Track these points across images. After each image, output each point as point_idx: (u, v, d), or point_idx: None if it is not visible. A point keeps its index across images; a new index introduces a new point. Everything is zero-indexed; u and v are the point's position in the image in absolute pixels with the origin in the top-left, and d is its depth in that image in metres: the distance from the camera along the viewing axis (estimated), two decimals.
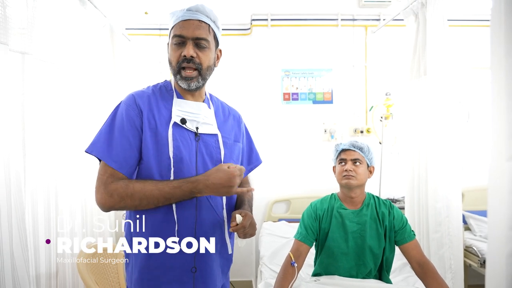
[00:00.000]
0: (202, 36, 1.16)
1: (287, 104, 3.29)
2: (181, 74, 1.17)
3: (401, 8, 2.49)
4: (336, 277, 1.59)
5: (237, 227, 1.13)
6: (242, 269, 3.25)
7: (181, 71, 1.17)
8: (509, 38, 1.09)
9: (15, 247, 1.40)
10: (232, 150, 1.29)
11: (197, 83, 1.19)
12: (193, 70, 1.17)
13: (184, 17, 1.16)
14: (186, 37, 1.15)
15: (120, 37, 2.71)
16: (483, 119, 3.26)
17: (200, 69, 1.18)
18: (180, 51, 1.16)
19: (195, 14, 1.17)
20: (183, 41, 1.16)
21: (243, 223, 1.14)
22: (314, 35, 3.29)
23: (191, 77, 1.17)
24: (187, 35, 1.15)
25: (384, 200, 1.69)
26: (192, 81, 1.18)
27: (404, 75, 2.51)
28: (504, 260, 1.09)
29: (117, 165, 1.10)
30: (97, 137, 1.15)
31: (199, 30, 1.16)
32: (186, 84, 1.18)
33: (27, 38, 1.58)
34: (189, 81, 1.18)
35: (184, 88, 1.20)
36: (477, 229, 2.90)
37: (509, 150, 1.10)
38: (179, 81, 1.19)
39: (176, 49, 1.17)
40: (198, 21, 1.17)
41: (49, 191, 1.76)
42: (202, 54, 1.18)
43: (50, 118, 1.78)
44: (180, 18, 1.17)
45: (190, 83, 1.18)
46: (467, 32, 3.26)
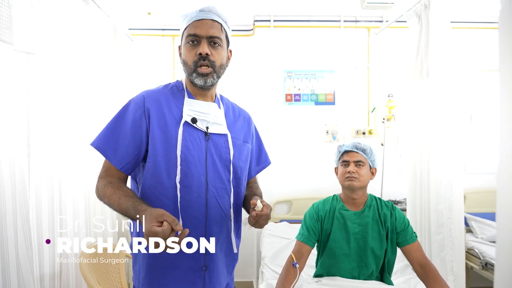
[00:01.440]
0: (215, 35, 1.19)
1: (289, 105, 3.29)
2: (197, 71, 1.19)
3: (404, 10, 2.49)
4: (338, 278, 1.59)
5: (260, 213, 1.14)
6: (244, 269, 3.25)
7: (197, 69, 1.19)
8: None
9: (20, 246, 1.41)
10: (241, 151, 1.31)
11: (213, 79, 1.22)
12: (208, 67, 1.20)
13: (198, 17, 1.19)
14: (200, 36, 1.18)
15: (123, 37, 2.72)
16: (485, 122, 3.26)
17: (214, 66, 1.20)
18: (195, 50, 1.18)
19: (208, 14, 1.19)
20: (197, 40, 1.18)
21: (266, 211, 1.15)
22: (316, 36, 3.30)
23: (207, 73, 1.19)
24: (201, 34, 1.18)
25: (386, 201, 1.69)
26: (208, 77, 1.20)
27: (407, 76, 2.52)
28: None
29: (114, 161, 1.16)
30: (102, 132, 1.20)
31: (212, 29, 1.19)
32: (202, 80, 1.20)
33: (32, 38, 1.59)
34: (206, 77, 1.20)
35: (200, 85, 1.21)
36: (479, 232, 2.90)
37: None
38: (196, 78, 1.20)
39: (191, 48, 1.19)
40: (211, 20, 1.19)
41: (53, 190, 1.77)
42: (216, 52, 1.20)
43: (54, 118, 1.79)
44: (193, 19, 1.19)
45: (206, 79, 1.20)
46: (470, 34, 3.26)
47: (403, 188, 3.04)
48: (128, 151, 1.16)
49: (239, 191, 1.31)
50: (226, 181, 1.25)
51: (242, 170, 1.31)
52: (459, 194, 2.18)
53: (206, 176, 1.20)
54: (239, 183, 1.31)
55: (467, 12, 3.20)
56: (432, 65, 2.21)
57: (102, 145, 1.17)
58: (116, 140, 1.17)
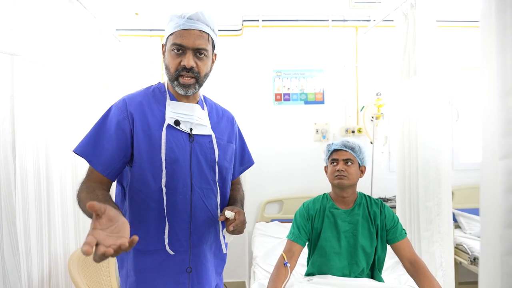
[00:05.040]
0: (202, 47, 1.17)
1: (279, 104, 3.30)
2: (179, 81, 1.18)
3: (391, 9, 2.51)
4: (329, 276, 1.60)
5: (233, 222, 1.15)
6: (235, 270, 3.25)
7: (179, 78, 1.18)
8: (500, 38, 1.10)
9: (6, 251, 1.38)
10: (225, 151, 1.30)
11: (194, 89, 1.21)
12: (191, 78, 1.18)
13: (185, 26, 1.15)
14: (186, 47, 1.15)
15: (110, 38, 2.69)
16: (472, 119, 3.31)
17: (198, 77, 1.19)
18: (179, 59, 1.16)
19: (195, 23, 1.16)
20: (183, 49, 1.16)
21: (240, 218, 1.18)
22: (305, 36, 3.31)
23: (189, 84, 1.18)
24: (188, 45, 1.15)
25: (376, 199, 1.70)
26: (190, 88, 1.19)
27: (395, 75, 2.54)
28: (498, 260, 1.09)
29: (98, 167, 1.13)
30: (85, 137, 1.17)
31: (199, 40, 1.16)
32: (183, 90, 1.19)
33: (16, 39, 1.55)
34: (187, 88, 1.19)
35: (181, 93, 1.21)
36: (467, 227, 2.95)
37: (502, 149, 1.10)
38: (176, 87, 1.19)
39: (175, 57, 1.17)
40: (199, 31, 1.16)
41: (40, 194, 1.74)
42: (201, 63, 1.19)
43: (40, 121, 1.76)
44: (180, 27, 1.15)
45: (187, 90, 1.19)
46: (455, 32, 3.30)
47: (392, 186, 3.07)
48: (113, 155, 1.14)
49: (225, 192, 1.32)
50: (212, 182, 1.25)
51: (227, 170, 1.31)
52: (447, 190, 2.21)
53: (190, 178, 1.20)
54: (225, 183, 1.31)
55: (453, 11, 3.24)
56: (419, 64, 2.24)
57: (86, 151, 1.14)
58: (100, 145, 1.14)
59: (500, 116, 1.10)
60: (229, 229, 1.16)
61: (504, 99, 1.09)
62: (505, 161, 1.08)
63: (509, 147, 1.07)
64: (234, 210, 1.19)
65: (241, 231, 1.21)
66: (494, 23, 1.11)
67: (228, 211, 1.17)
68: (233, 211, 1.18)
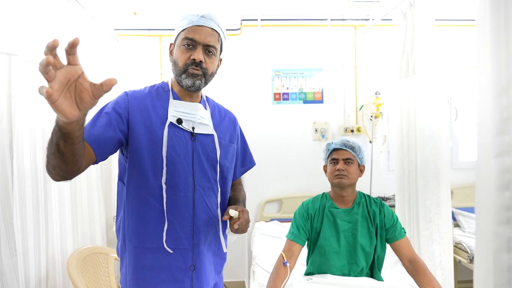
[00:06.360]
0: (212, 44, 1.20)
1: (277, 104, 3.30)
2: (188, 71, 1.18)
3: (390, 8, 2.51)
4: (329, 275, 1.60)
5: (237, 220, 1.15)
6: (235, 269, 3.24)
7: (187, 69, 1.18)
8: (494, 37, 1.11)
9: (3, 251, 1.37)
10: (227, 151, 1.31)
11: (200, 82, 1.21)
12: (199, 71, 1.19)
13: (198, 23, 1.18)
14: (197, 42, 1.18)
15: (108, 38, 2.68)
16: (471, 117, 3.32)
17: (206, 73, 1.20)
18: (189, 54, 1.18)
19: (208, 21, 1.20)
20: (193, 44, 1.18)
21: (244, 217, 1.18)
22: (304, 35, 3.31)
23: (197, 74, 1.19)
24: (199, 40, 1.18)
25: (375, 198, 1.70)
26: (197, 78, 1.19)
27: (393, 74, 2.54)
28: (492, 257, 1.10)
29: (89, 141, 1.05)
30: None
31: (210, 37, 1.19)
32: (191, 80, 1.19)
33: (13, 39, 1.55)
34: (195, 78, 1.19)
35: (187, 85, 1.20)
36: (466, 226, 2.95)
37: (496, 147, 1.11)
38: (184, 79, 1.19)
39: (185, 51, 1.19)
40: (211, 29, 1.20)
41: (38, 194, 1.73)
42: (209, 60, 1.21)
43: (37, 121, 1.76)
44: (193, 23, 1.18)
45: (195, 80, 1.19)
46: (454, 31, 3.30)
47: (391, 185, 3.07)
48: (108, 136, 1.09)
49: (225, 191, 1.32)
50: (213, 181, 1.26)
51: (228, 169, 1.32)
52: (446, 189, 2.21)
53: (193, 176, 1.20)
54: (225, 183, 1.32)
55: (451, 10, 3.24)
56: (418, 63, 2.24)
57: None
58: (96, 127, 1.10)
59: (494, 114, 1.11)
60: (233, 227, 1.16)
61: (498, 98, 1.10)
62: (499, 159, 1.09)
63: (503, 146, 1.08)
64: (238, 209, 1.19)
65: (245, 230, 1.21)
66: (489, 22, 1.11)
67: (232, 210, 1.17)
68: (237, 210, 1.18)
